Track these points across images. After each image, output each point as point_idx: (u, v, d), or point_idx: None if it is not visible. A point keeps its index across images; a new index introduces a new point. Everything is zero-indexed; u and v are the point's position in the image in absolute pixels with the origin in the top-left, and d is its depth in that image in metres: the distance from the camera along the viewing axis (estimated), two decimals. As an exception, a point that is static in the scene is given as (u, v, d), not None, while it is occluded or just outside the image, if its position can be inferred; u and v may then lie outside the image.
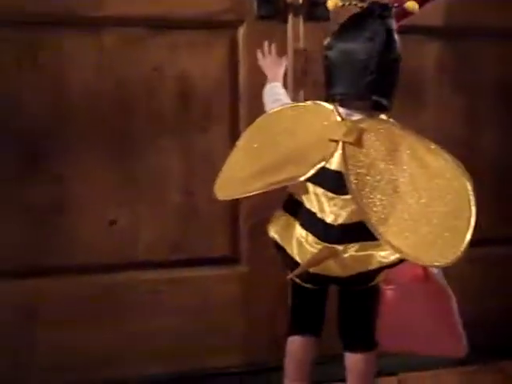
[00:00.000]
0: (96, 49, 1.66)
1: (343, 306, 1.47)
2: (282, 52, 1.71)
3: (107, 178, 1.70)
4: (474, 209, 1.18)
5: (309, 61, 1.76)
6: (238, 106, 1.76)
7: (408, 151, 1.26)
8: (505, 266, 2.02)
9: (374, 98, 1.29)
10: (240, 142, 1.42)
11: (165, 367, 1.78)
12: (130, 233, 1.73)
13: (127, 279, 1.74)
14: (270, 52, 1.67)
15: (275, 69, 1.62)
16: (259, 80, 1.74)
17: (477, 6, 1.91)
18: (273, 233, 1.43)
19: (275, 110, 1.43)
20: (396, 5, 1.34)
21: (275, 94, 1.54)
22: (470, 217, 1.17)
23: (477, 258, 1.98)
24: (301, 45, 1.77)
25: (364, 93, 1.30)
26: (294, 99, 1.68)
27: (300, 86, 1.77)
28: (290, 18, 1.76)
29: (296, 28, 1.77)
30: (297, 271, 1.35)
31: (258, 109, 1.75)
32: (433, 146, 1.25)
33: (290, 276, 1.39)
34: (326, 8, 1.43)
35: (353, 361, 1.47)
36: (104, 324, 1.73)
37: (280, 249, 1.41)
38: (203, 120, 1.75)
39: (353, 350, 1.47)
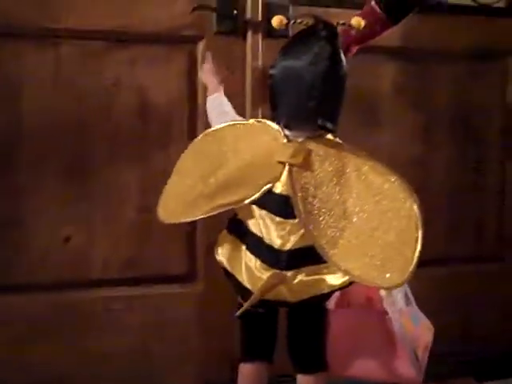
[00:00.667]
0: (53, 62, 1.63)
1: (292, 328, 1.43)
2: (239, 67, 1.72)
3: (62, 194, 1.66)
4: (420, 232, 1.19)
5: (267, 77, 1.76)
6: (197, 123, 1.74)
7: (355, 172, 1.25)
8: (460, 285, 2.05)
9: (319, 122, 1.27)
10: (182, 163, 1.40)
11: (118, 386, 1.75)
12: (85, 250, 1.69)
13: (81, 297, 1.70)
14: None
15: (213, 78, 1.55)
16: (218, 96, 1.75)
17: (432, 28, 1.95)
18: (221, 256, 1.40)
19: (220, 127, 1.39)
20: (342, 22, 1.34)
21: (219, 106, 1.49)
22: (417, 240, 1.18)
23: (431, 277, 2.01)
24: (259, 61, 1.77)
25: (308, 118, 1.27)
26: (253, 117, 1.67)
27: (258, 103, 1.77)
28: (249, 34, 1.77)
29: (255, 45, 1.77)
30: (248, 303, 1.31)
31: (217, 126, 1.76)
32: (380, 167, 1.25)
33: (240, 311, 1.33)
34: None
35: (304, 382, 1.44)
36: (57, 342, 1.68)
37: (229, 275, 1.38)
38: (161, 136, 1.73)
39: (303, 371, 1.43)
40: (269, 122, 1.33)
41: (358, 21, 1.35)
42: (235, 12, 1.75)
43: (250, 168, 1.30)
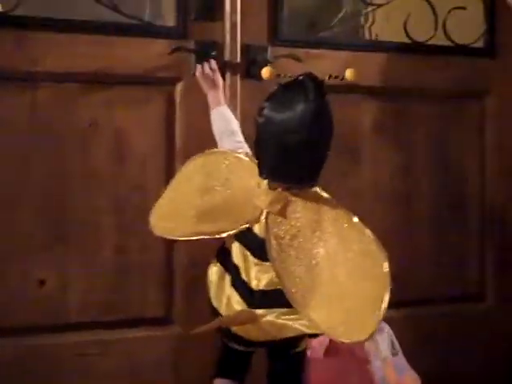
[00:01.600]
0: (30, 105, 1.62)
1: (270, 368, 1.45)
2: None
3: (36, 237, 1.64)
4: (388, 292, 1.18)
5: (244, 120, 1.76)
6: (175, 164, 1.74)
7: (331, 226, 1.26)
8: (439, 325, 2.03)
9: (297, 181, 1.28)
10: (178, 179, 1.42)
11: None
12: (59, 293, 1.66)
13: (55, 341, 1.67)
14: (210, 68, 1.66)
15: (216, 91, 1.61)
16: (196, 138, 1.74)
17: (413, 67, 1.97)
18: (210, 279, 1.42)
19: (219, 152, 1.42)
20: (335, 75, 1.34)
21: (226, 123, 1.53)
22: (383, 299, 1.17)
23: (410, 318, 2.00)
24: (238, 102, 1.77)
25: (286, 176, 1.27)
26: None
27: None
28: (228, 75, 1.77)
29: (233, 85, 1.78)
30: (208, 325, 1.34)
31: (194, 166, 1.75)
32: (355, 221, 1.26)
33: (197, 330, 1.35)
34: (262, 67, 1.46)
35: None
36: (30, 387, 1.65)
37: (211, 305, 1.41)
38: (138, 177, 1.72)
39: None
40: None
41: (351, 72, 1.34)
42: (214, 53, 1.75)
43: (233, 203, 1.32)
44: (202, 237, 1.30)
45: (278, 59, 1.80)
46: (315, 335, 1.33)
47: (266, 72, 1.34)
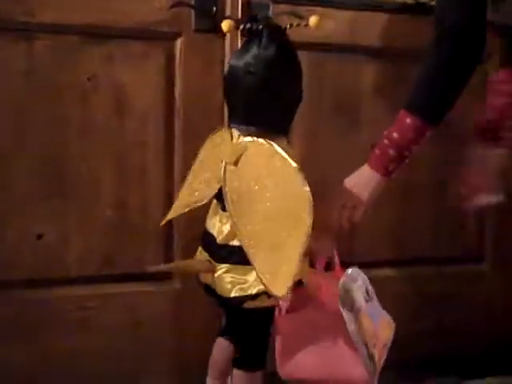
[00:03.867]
0: (27, 56, 1.60)
1: (228, 323, 1.49)
2: (218, 66, 1.71)
3: (34, 191, 1.64)
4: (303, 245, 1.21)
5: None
6: (174, 120, 1.74)
7: (275, 176, 1.27)
8: (437, 285, 2.05)
9: (249, 125, 1.31)
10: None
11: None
12: (58, 247, 1.66)
13: (55, 295, 1.67)
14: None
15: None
16: (195, 93, 1.74)
17: (414, 29, 1.95)
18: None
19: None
20: (297, 23, 1.35)
21: None
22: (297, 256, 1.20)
23: (411, 277, 2.01)
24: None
25: (242, 121, 1.32)
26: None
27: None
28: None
29: (234, 43, 1.75)
30: (162, 266, 1.56)
31: (193, 122, 1.74)
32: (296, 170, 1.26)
33: (150, 269, 1.49)
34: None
35: (233, 376, 1.46)
36: (29, 342, 1.65)
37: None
38: (138, 132, 1.71)
39: (234, 365, 1.45)
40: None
41: (315, 19, 1.34)
42: (214, 9, 1.73)
43: (209, 165, 1.38)
44: (188, 208, 1.38)
45: (279, 16, 1.77)
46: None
47: (225, 24, 1.32)
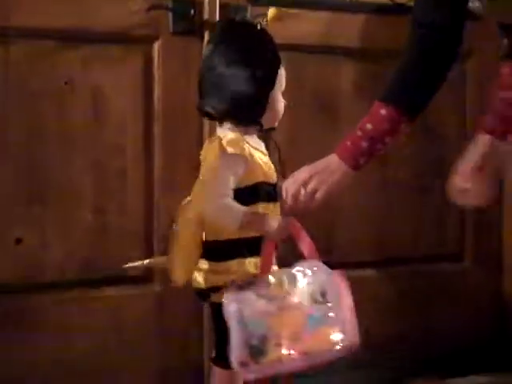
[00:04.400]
0: (2, 62, 1.59)
1: None
2: (196, 68, 1.71)
3: (13, 195, 1.63)
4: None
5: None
6: (153, 125, 1.74)
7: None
8: (419, 284, 2.06)
9: (219, 118, 1.36)
10: None
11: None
12: (38, 251, 1.66)
13: (34, 301, 1.67)
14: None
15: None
16: (174, 96, 1.74)
17: (392, 29, 1.95)
18: None
19: None
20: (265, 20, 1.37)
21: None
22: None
23: (392, 277, 2.02)
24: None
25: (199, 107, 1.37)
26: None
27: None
28: (207, 35, 1.75)
29: (212, 45, 1.76)
30: (137, 263, 1.51)
31: (172, 126, 1.74)
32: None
33: (126, 266, 1.48)
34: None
35: (212, 374, 1.45)
36: (8, 346, 1.63)
37: None
38: (116, 137, 1.71)
39: (212, 363, 1.43)
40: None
41: (272, 12, 1.48)
42: (192, 12, 1.73)
43: None
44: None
45: (257, 18, 1.78)
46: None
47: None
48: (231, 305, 1.24)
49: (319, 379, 1.66)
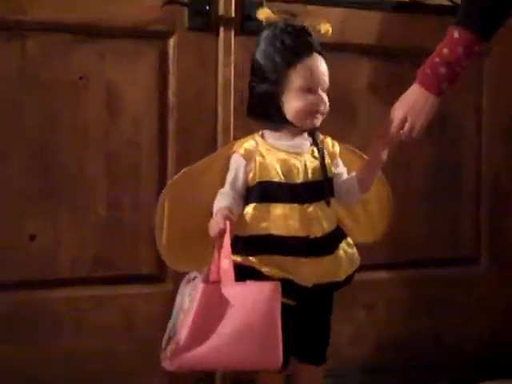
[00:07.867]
0: (18, 55, 1.58)
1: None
2: (211, 64, 1.71)
3: (27, 191, 1.62)
4: None
5: (237, 76, 1.74)
6: (167, 119, 1.72)
7: None
8: (433, 288, 2.03)
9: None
10: None
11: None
12: (51, 248, 1.64)
13: (47, 297, 1.65)
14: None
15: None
16: (189, 92, 1.72)
17: (409, 27, 1.94)
18: None
19: None
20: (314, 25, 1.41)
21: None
22: None
23: (407, 279, 1.99)
24: (231, 58, 1.75)
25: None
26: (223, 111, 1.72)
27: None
28: (222, 30, 1.74)
29: (227, 41, 1.75)
30: None
31: (187, 121, 1.73)
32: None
33: None
34: (257, 22, 1.43)
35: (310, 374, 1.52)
36: (20, 343, 1.62)
37: None
38: (130, 131, 1.69)
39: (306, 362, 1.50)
40: None
41: (326, 27, 1.46)
42: (207, 7, 1.72)
43: None
44: None
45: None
46: None
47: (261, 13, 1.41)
48: (177, 296, 1.39)
49: (328, 382, 1.64)
